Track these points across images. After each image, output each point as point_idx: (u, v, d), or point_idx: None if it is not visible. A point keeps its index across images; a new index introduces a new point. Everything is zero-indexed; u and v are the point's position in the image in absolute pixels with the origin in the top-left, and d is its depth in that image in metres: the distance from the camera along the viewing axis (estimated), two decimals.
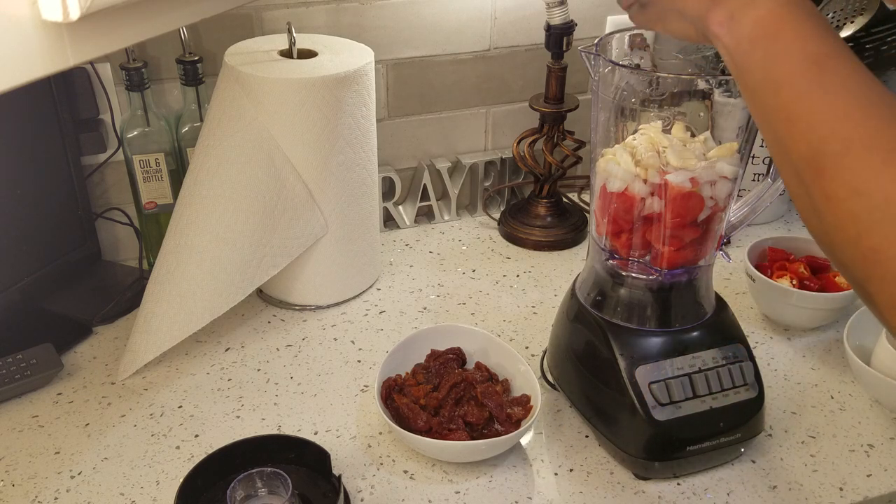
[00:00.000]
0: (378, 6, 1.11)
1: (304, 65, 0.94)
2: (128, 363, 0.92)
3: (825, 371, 0.95)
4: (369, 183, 1.02)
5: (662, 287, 0.80)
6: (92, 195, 1.07)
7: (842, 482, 0.81)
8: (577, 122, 1.21)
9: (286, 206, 0.95)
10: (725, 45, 0.55)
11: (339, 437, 0.85)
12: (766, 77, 0.53)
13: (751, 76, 0.54)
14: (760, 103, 0.54)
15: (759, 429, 0.82)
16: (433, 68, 1.19)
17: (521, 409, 0.84)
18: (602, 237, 0.81)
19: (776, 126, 0.53)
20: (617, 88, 0.75)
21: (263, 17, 1.06)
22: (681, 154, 0.73)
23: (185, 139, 1.04)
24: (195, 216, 0.92)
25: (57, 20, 0.49)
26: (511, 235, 1.21)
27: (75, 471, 0.81)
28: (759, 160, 1.20)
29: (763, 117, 0.54)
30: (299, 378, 0.93)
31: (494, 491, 0.79)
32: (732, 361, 0.80)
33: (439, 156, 1.25)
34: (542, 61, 1.14)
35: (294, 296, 1.05)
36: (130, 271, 1.09)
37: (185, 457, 0.82)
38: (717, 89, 0.74)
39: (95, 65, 1.01)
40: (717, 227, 0.79)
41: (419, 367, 0.89)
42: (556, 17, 1.06)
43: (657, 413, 0.77)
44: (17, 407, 0.88)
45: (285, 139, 0.93)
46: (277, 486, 0.72)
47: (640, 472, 0.80)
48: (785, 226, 1.25)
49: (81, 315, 1.00)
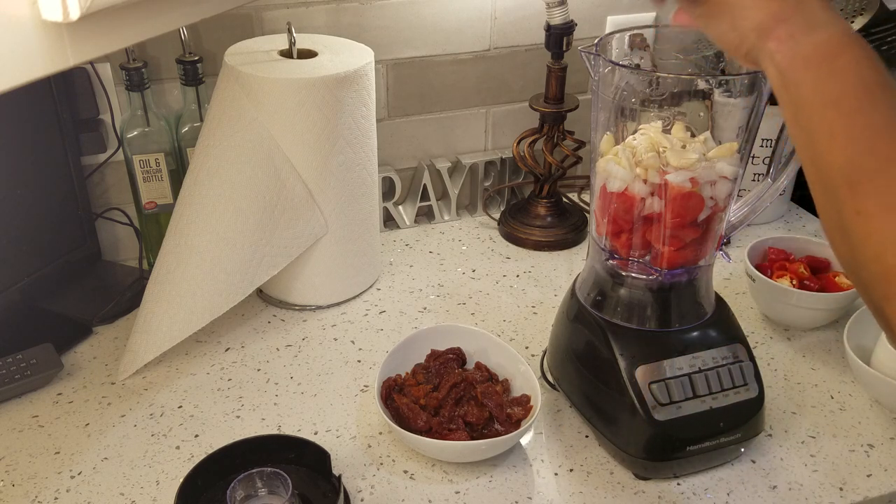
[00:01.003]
0: (378, 6, 1.11)
1: (304, 65, 0.94)
2: (128, 363, 0.92)
3: (825, 371, 0.95)
4: (369, 183, 1.02)
5: (662, 287, 0.80)
6: (92, 195, 1.07)
7: (842, 482, 0.81)
8: (577, 122, 1.21)
9: (286, 206, 0.95)
10: (777, 63, 0.55)
11: (339, 437, 0.85)
12: (816, 92, 0.53)
13: (798, 91, 0.54)
14: (804, 117, 0.54)
15: (759, 429, 0.82)
16: (433, 68, 1.19)
17: (521, 409, 0.84)
18: (602, 237, 0.81)
19: (816, 140, 0.53)
20: (617, 88, 0.75)
21: (263, 17, 1.06)
22: (681, 154, 0.73)
23: (185, 139, 1.04)
24: (195, 216, 0.92)
25: (57, 20, 0.50)
26: (511, 235, 1.21)
27: (75, 471, 0.81)
28: (759, 160, 1.20)
29: (803, 131, 0.55)
30: (299, 378, 0.93)
31: (494, 491, 0.79)
32: (732, 361, 0.80)
33: (439, 156, 1.25)
34: (542, 61, 1.14)
35: (294, 296, 1.05)
36: (130, 271, 1.09)
37: (185, 457, 0.82)
38: (717, 89, 0.74)
39: (95, 65, 1.01)
40: (717, 227, 0.79)
41: (419, 367, 0.89)
42: (556, 17, 1.06)
43: (657, 413, 0.77)
44: (17, 407, 0.88)
45: (285, 139, 0.93)
46: (277, 486, 0.72)
47: (640, 472, 0.80)
48: (785, 226, 1.25)
49: (81, 315, 1.00)
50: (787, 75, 0.55)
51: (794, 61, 0.54)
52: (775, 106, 1.18)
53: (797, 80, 0.54)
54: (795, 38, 0.54)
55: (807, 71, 0.54)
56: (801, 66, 0.54)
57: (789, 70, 0.55)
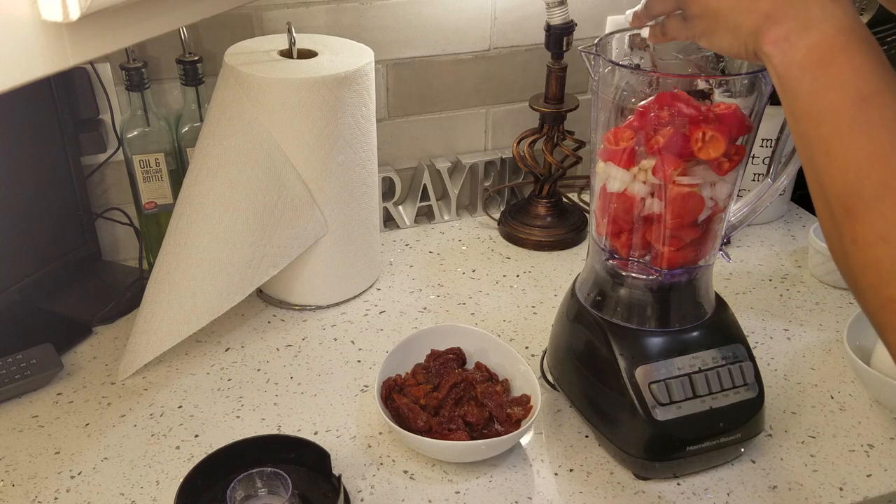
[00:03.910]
0: (378, 6, 1.11)
1: (304, 65, 0.94)
2: (128, 363, 0.92)
3: (825, 371, 0.95)
4: (369, 183, 1.02)
5: (662, 287, 0.80)
6: (92, 195, 1.07)
7: (842, 482, 0.81)
8: (577, 122, 1.21)
9: (286, 206, 0.95)
10: (775, 67, 0.54)
11: (339, 437, 0.85)
12: (811, 107, 0.51)
13: (796, 103, 0.53)
14: (802, 132, 0.53)
15: (759, 429, 0.82)
16: (433, 68, 1.19)
17: (521, 409, 0.84)
18: (602, 237, 0.81)
19: (815, 157, 0.52)
20: (617, 88, 0.75)
21: (263, 17, 1.06)
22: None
23: (185, 139, 1.04)
24: (195, 216, 0.92)
25: (57, 20, 0.50)
26: (511, 235, 1.21)
27: (75, 471, 0.81)
28: (759, 160, 1.20)
29: (803, 146, 0.53)
30: (299, 378, 0.93)
31: (494, 491, 0.79)
32: (732, 361, 0.80)
33: (439, 156, 1.25)
34: (542, 61, 1.14)
35: (294, 296, 1.05)
36: (130, 271, 1.09)
37: (185, 457, 0.82)
38: (717, 89, 0.74)
39: (95, 65, 1.01)
40: (718, 228, 0.79)
41: (419, 367, 0.89)
42: (556, 17, 1.06)
43: (657, 413, 0.77)
44: (17, 407, 0.88)
45: (285, 139, 0.93)
46: (277, 486, 0.72)
47: (640, 472, 0.80)
48: (785, 226, 1.25)
49: (81, 315, 1.00)
50: (784, 83, 0.53)
51: (790, 68, 0.53)
52: (775, 106, 1.18)
53: (793, 90, 0.53)
54: (790, 40, 0.53)
55: (801, 79, 0.52)
56: (798, 74, 0.52)
57: (785, 77, 0.53)
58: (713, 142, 0.70)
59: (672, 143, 0.70)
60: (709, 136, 0.70)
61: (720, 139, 0.70)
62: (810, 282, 1.12)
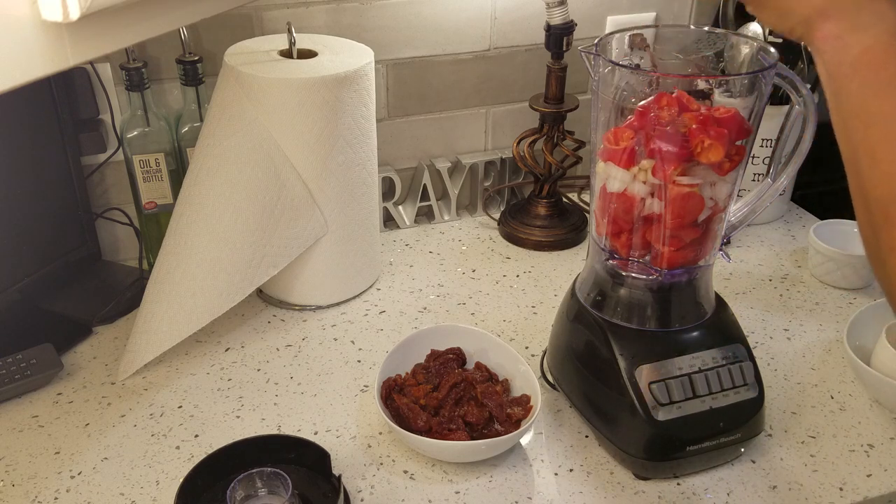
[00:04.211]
0: (378, 6, 1.11)
1: (304, 65, 0.94)
2: (128, 363, 0.92)
3: (825, 371, 0.95)
4: (369, 183, 1.02)
5: (662, 287, 0.80)
6: (92, 195, 1.07)
7: (842, 482, 0.80)
8: (577, 122, 1.21)
9: (286, 207, 0.95)
10: (826, 63, 0.53)
11: (339, 437, 0.85)
12: (860, 109, 0.51)
13: (845, 102, 0.52)
14: (847, 131, 0.52)
15: (759, 429, 0.82)
16: (433, 68, 1.19)
17: (521, 409, 0.84)
18: (602, 237, 0.81)
19: (859, 160, 0.51)
20: (617, 88, 0.75)
21: (263, 17, 1.06)
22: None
23: (185, 139, 1.04)
24: (195, 216, 0.92)
25: (57, 20, 0.50)
26: (511, 235, 1.21)
27: (75, 471, 0.81)
28: (759, 160, 1.20)
29: (847, 145, 0.52)
30: (299, 378, 0.93)
31: (494, 491, 0.79)
32: (732, 361, 0.80)
33: (439, 156, 1.25)
34: (542, 61, 1.14)
35: (294, 296, 1.05)
36: (130, 271, 1.09)
37: (185, 457, 0.82)
38: (717, 89, 0.74)
39: (95, 65, 1.01)
40: (718, 228, 0.79)
41: (419, 367, 0.89)
42: (556, 17, 1.06)
43: (657, 413, 0.77)
44: (17, 407, 0.88)
45: (285, 139, 0.93)
46: (277, 486, 0.72)
47: (640, 472, 0.80)
48: (785, 226, 1.25)
49: (81, 315, 1.00)
50: (834, 81, 0.52)
51: (842, 67, 0.52)
52: (775, 106, 1.18)
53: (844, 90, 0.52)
54: (843, 39, 0.52)
55: (852, 79, 0.51)
56: (849, 73, 0.51)
57: (836, 76, 0.52)
58: (712, 149, 0.70)
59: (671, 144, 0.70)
60: (707, 143, 0.70)
61: (719, 147, 0.70)
62: (810, 282, 1.12)
